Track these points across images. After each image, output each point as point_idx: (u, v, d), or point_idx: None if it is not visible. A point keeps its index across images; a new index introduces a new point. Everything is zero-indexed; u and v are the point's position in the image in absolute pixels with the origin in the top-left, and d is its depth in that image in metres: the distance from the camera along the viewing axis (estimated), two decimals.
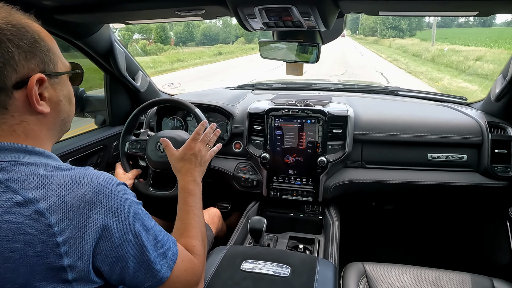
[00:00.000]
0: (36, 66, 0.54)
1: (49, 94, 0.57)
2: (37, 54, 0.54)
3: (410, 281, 1.01)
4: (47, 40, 0.57)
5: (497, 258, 1.39)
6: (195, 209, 0.85)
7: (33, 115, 0.55)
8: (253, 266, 0.96)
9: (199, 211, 0.86)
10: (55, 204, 0.49)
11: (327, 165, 1.35)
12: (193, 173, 0.93)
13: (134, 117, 1.38)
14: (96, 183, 0.54)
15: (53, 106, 0.58)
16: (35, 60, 0.54)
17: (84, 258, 0.50)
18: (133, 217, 0.57)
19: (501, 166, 1.27)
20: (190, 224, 0.81)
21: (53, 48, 0.58)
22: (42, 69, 0.55)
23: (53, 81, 0.57)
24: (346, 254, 1.31)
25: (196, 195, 0.89)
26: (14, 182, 0.49)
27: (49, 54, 0.56)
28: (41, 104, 0.55)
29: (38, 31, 0.56)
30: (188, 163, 0.94)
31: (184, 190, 0.89)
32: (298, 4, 0.78)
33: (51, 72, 0.57)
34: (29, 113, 0.55)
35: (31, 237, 0.47)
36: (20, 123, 0.54)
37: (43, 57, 0.55)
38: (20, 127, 0.54)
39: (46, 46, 0.56)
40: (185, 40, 41.96)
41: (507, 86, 1.21)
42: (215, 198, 1.90)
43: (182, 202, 0.86)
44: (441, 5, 0.80)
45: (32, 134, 0.56)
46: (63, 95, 0.60)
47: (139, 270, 0.57)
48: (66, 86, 0.62)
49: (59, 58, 0.60)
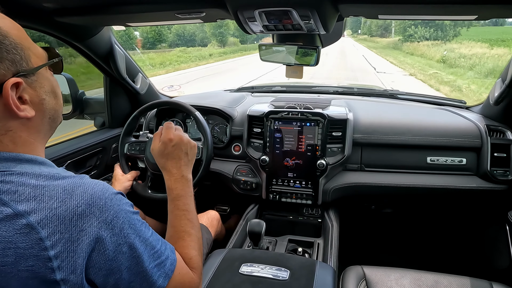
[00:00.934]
0: (7, 70, 0.48)
1: (29, 95, 0.52)
2: (4, 56, 0.48)
3: (409, 285, 1.01)
4: (12, 34, 0.50)
5: (496, 262, 1.38)
6: (188, 213, 0.76)
7: (17, 121, 0.51)
8: (252, 270, 0.95)
9: (192, 214, 0.77)
10: (46, 217, 0.47)
11: (326, 168, 1.35)
12: (180, 168, 0.81)
13: (134, 119, 1.38)
14: (90, 194, 0.51)
15: (36, 107, 0.53)
16: (4, 63, 0.48)
17: (77, 272, 0.48)
18: (128, 229, 0.54)
19: (500, 169, 1.27)
20: (184, 232, 0.73)
21: (21, 43, 0.51)
22: (14, 71, 0.49)
23: (30, 80, 0.52)
24: (345, 258, 1.30)
25: (187, 195, 0.79)
26: (4, 193, 0.47)
27: (18, 51, 0.50)
28: (23, 109, 0.51)
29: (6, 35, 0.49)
30: (171, 157, 0.82)
31: (172, 191, 0.78)
32: (298, 8, 0.78)
33: (25, 70, 0.51)
34: (12, 120, 0.51)
35: (22, 251, 0.45)
36: (5, 133, 0.51)
37: (11, 57, 0.49)
38: (7, 137, 0.51)
39: (12, 44, 0.49)
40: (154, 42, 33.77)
41: (506, 90, 1.21)
42: (214, 201, 1.90)
43: (173, 206, 0.76)
44: (441, 9, 0.81)
45: (20, 142, 0.52)
46: (45, 92, 0.55)
47: (134, 281, 0.55)
48: (46, 81, 0.56)
49: (31, 51, 0.53)
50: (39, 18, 1.05)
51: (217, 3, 0.87)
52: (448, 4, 0.76)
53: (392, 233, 1.87)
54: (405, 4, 0.79)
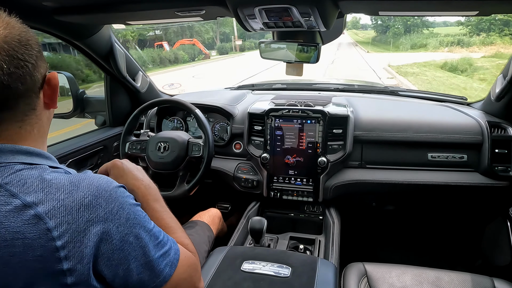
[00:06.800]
0: (45, 64, 0.56)
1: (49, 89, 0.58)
2: (41, 54, 0.56)
3: (410, 281, 1.01)
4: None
5: (497, 258, 1.39)
6: (168, 212, 0.77)
7: (45, 113, 0.57)
8: (253, 267, 0.96)
9: (171, 213, 0.78)
10: (54, 208, 0.49)
11: (327, 165, 1.35)
12: (138, 177, 0.79)
13: (135, 117, 1.38)
14: (96, 186, 0.53)
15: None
16: (42, 60, 0.55)
17: (84, 262, 0.50)
18: (133, 219, 0.57)
19: (502, 166, 1.27)
20: (172, 227, 0.74)
21: None
22: (47, 66, 0.57)
23: None
24: (347, 255, 1.30)
25: (160, 198, 0.79)
26: (13, 185, 0.49)
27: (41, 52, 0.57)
28: None
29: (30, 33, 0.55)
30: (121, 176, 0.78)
31: (149, 196, 0.77)
32: (298, 5, 0.78)
33: None
34: (44, 112, 0.57)
35: (30, 242, 0.47)
36: (38, 122, 0.56)
37: (42, 56, 0.56)
38: (37, 126, 0.56)
39: (39, 45, 0.57)
40: None
41: (507, 86, 1.21)
42: (216, 199, 1.90)
43: (151, 211, 0.75)
44: (442, 5, 0.80)
45: (42, 132, 0.57)
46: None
47: (142, 271, 0.57)
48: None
49: None
50: (39, 17, 1.05)
51: (217, 1, 0.86)
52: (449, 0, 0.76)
53: (393, 229, 1.87)
54: (405, 0, 0.79)
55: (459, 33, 23.11)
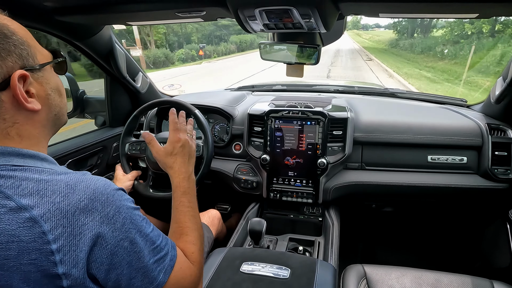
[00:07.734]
0: (14, 62, 0.51)
1: (35, 89, 0.54)
2: (12, 50, 0.51)
3: (410, 284, 1.01)
4: (19, 32, 0.53)
5: (497, 261, 1.38)
6: (192, 210, 0.79)
7: (24, 114, 0.53)
8: (252, 268, 0.96)
9: (195, 211, 0.80)
10: (49, 211, 0.48)
11: (327, 167, 1.35)
12: (188, 167, 0.86)
13: (134, 118, 1.38)
14: (92, 189, 0.52)
15: (43, 101, 0.56)
16: (11, 57, 0.51)
17: (79, 266, 0.49)
18: (129, 224, 0.55)
19: (501, 168, 1.27)
20: (188, 227, 0.75)
21: (27, 40, 0.54)
22: (21, 65, 0.52)
23: (36, 75, 0.55)
24: (346, 256, 1.30)
25: (192, 193, 0.82)
26: (7, 188, 0.48)
27: (25, 47, 0.53)
28: (30, 102, 0.53)
29: (7, 24, 0.51)
30: (180, 157, 0.86)
31: (179, 189, 0.81)
32: (299, 6, 0.78)
33: (32, 66, 0.54)
34: (19, 113, 0.53)
35: (25, 245, 0.46)
36: (12, 125, 0.52)
37: (19, 52, 0.52)
38: (13, 129, 0.53)
39: (19, 40, 0.52)
40: None
41: (507, 88, 1.21)
42: (215, 200, 1.90)
43: (178, 203, 0.79)
44: (442, 7, 0.80)
45: (26, 134, 0.54)
46: (50, 88, 0.58)
47: (135, 276, 0.56)
48: (52, 78, 0.59)
49: (36, 49, 0.56)
50: (40, 17, 1.05)
51: (218, 2, 0.87)
52: (449, 2, 0.76)
53: (393, 231, 1.87)
54: (406, 2, 0.79)
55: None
